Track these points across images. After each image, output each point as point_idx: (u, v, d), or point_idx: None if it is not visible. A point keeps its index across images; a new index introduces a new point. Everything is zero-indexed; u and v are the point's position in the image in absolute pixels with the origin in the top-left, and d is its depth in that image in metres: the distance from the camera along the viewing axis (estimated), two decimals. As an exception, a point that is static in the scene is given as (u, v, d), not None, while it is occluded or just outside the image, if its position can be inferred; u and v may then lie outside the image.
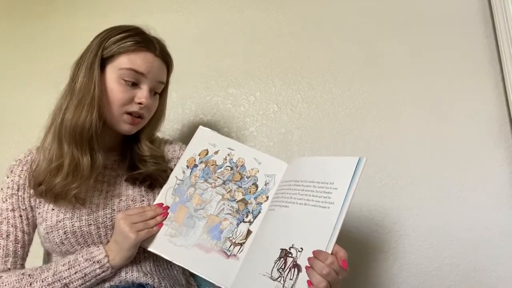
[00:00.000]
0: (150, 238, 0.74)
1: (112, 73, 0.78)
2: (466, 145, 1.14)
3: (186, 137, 1.21)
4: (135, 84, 0.79)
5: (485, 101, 1.15)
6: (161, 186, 0.81)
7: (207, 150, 0.83)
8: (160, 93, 0.87)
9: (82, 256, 0.72)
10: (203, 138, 0.85)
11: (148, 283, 0.77)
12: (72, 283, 0.70)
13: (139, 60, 0.79)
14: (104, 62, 0.79)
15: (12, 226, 0.78)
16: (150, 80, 0.81)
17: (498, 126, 1.14)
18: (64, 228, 0.76)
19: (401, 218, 1.13)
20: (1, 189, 0.81)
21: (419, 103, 1.18)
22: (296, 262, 0.65)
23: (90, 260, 0.71)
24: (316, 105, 1.23)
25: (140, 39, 0.80)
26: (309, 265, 0.64)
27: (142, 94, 0.79)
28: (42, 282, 0.70)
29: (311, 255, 0.64)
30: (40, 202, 0.80)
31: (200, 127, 0.87)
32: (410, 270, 1.11)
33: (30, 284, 0.70)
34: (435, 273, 1.10)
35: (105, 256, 0.72)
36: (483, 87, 1.16)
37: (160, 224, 0.75)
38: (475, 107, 1.15)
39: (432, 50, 1.20)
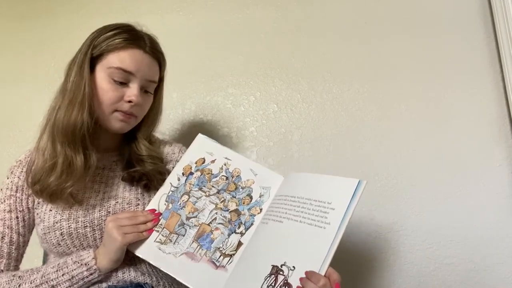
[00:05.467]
0: (139, 243, 0.73)
1: (102, 72, 0.78)
2: (466, 145, 1.14)
3: (186, 137, 1.21)
4: (124, 83, 0.79)
5: (485, 101, 1.15)
6: (156, 188, 0.80)
7: (204, 158, 0.83)
8: (155, 90, 0.86)
9: (71, 258, 0.72)
10: (201, 146, 0.84)
11: (147, 283, 0.77)
12: (59, 285, 0.70)
13: (127, 59, 0.78)
14: (94, 62, 0.78)
15: (8, 227, 0.78)
16: (139, 78, 0.80)
17: (498, 126, 1.14)
18: (61, 229, 0.76)
19: (401, 218, 1.13)
20: (0, 189, 0.81)
21: (419, 103, 1.18)
22: (287, 280, 0.64)
23: (78, 263, 0.71)
24: (316, 105, 1.23)
25: (129, 36, 0.79)
26: (300, 286, 0.62)
27: (131, 92, 0.78)
28: (31, 283, 0.70)
29: (303, 275, 0.63)
30: (38, 203, 0.80)
31: (199, 135, 0.86)
32: (410, 270, 1.11)
33: (19, 285, 0.70)
34: (435, 273, 1.10)
35: (93, 258, 0.71)
36: (483, 87, 1.16)
37: (150, 230, 0.74)
38: (475, 107, 1.15)
39: (432, 50, 1.20)
